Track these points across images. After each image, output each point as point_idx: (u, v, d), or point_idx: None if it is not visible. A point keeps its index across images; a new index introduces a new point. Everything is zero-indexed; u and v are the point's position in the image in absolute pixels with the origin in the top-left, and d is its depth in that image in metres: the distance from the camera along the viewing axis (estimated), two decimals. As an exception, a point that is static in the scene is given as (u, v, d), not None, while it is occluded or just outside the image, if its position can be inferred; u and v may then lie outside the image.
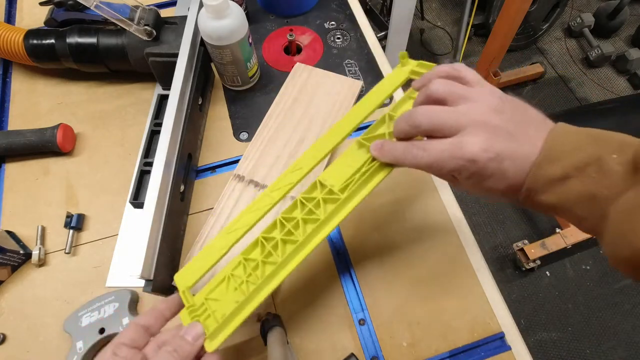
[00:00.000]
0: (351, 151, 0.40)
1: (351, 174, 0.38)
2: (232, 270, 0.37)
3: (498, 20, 1.35)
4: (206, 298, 0.35)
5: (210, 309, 0.34)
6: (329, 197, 0.37)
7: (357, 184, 0.37)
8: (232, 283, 0.36)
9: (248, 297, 0.34)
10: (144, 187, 0.48)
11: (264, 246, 0.37)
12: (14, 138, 0.52)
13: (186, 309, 0.35)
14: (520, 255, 1.33)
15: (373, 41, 0.64)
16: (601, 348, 1.23)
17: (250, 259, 0.37)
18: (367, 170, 0.37)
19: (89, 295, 0.45)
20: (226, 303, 0.35)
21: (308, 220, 0.37)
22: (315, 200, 0.37)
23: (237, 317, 0.33)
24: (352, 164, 0.38)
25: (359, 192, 0.37)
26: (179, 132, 0.48)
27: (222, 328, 0.32)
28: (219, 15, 0.47)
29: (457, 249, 0.48)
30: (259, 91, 0.60)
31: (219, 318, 0.33)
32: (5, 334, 0.44)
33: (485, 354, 0.42)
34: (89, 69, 0.57)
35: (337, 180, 0.38)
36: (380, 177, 0.38)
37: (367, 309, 0.45)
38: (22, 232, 0.49)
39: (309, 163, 0.40)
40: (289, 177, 0.40)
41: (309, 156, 0.41)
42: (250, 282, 0.35)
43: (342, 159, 0.40)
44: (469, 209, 1.47)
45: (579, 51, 1.85)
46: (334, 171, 0.39)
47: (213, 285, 0.36)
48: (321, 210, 0.37)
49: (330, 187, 0.37)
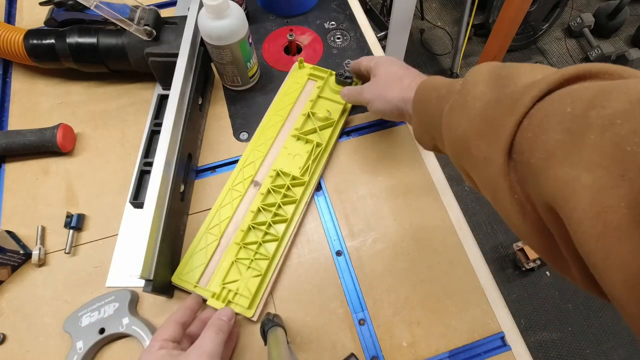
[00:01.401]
0: (290, 143, 0.53)
1: (305, 161, 0.51)
2: (236, 256, 0.45)
3: (498, 20, 1.35)
4: (223, 284, 0.44)
5: (232, 290, 0.44)
6: (295, 182, 0.49)
7: (312, 167, 0.50)
8: (241, 265, 0.45)
9: (267, 268, 0.44)
10: (144, 187, 0.48)
11: (257, 230, 0.47)
12: (14, 138, 0.52)
13: (212, 298, 0.43)
14: (520, 255, 1.33)
15: (373, 41, 0.64)
16: (601, 348, 1.23)
17: (250, 243, 0.46)
18: (315, 156, 0.51)
19: (89, 295, 0.45)
20: (246, 280, 0.44)
21: (286, 202, 0.49)
22: (285, 186, 0.49)
23: (262, 287, 0.44)
24: (298, 152, 0.52)
25: (316, 172, 0.51)
26: (179, 132, 0.48)
27: (255, 299, 0.43)
28: (219, 15, 0.47)
29: (457, 249, 0.48)
30: (259, 91, 0.60)
31: (247, 294, 0.43)
32: (5, 334, 0.44)
33: (485, 354, 0.42)
34: (89, 69, 0.57)
35: (293, 167, 0.51)
36: (325, 159, 0.52)
37: (367, 309, 0.45)
38: (22, 232, 0.49)
39: (257, 156, 0.52)
40: (245, 170, 0.51)
41: (254, 152, 0.53)
42: (259, 259, 0.45)
43: (286, 151, 0.52)
44: (469, 209, 1.47)
45: (579, 51, 1.85)
46: (284, 161, 0.52)
47: (223, 273, 0.45)
48: (293, 192, 0.49)
49: (292, 174, 0.49)
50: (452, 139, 0.32)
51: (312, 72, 0.58)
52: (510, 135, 0.25)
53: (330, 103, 0.56)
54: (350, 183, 0.52)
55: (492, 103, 0.28)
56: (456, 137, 0.31)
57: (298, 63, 0.59)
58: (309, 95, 0.56)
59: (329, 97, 0.56)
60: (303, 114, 0.54)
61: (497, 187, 0.26)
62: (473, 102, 0.30)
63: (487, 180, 0.28)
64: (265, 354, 0.38)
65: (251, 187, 0.50)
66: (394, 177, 0.52)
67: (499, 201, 0.27)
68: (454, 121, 0.32)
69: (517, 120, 0.25)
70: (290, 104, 0.56)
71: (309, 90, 0.58)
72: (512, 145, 0.25)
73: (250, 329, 0.44)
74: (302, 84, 0.58)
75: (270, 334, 0.37)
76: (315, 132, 0.53)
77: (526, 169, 0.24)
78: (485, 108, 0.28)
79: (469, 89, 0.31)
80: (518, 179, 0.25)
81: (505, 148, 0.25)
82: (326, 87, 0.57)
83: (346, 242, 0.48)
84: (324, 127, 0.53)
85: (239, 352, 0.43)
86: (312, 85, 0.58)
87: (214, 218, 0.48)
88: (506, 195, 0.26)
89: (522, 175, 0.25)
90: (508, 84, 0.28)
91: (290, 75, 0.59)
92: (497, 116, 0.27)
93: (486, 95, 0.29)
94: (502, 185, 0.26)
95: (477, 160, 0.29)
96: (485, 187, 0.29)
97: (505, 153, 0.25)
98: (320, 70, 0.58)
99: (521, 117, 0.25)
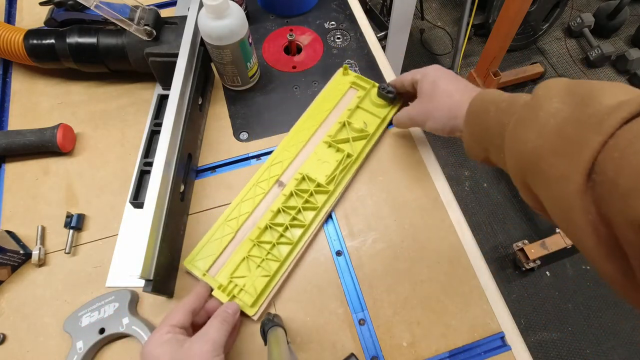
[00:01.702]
0: (321, 149, 0.52)
1: (332, 170, 0.50)
2: (248, 252, 0.45)
3: (498, 20, 1.35)
4: (231, 277, 0.44)
5: (239, 285, 0.44)
6: (319, 189, 0.49)
7: (339, 177, 0.50)
8: (252, 262, 0.45)
9: (276, 270, 0.44)
10: (144, 187, 0.48)
11: (274, 230, 0.47)
12: (14, 138, 0.52)
13: (218, 289, 0.44)
14: (520, 255, 1.33)
15: (373, 41, 0.64)
16: (601, 348, 1.23)
17: (264, 242, 0.46)
18: (344, 167, 0.50)
19: (89, 295, 0.45)
20: (253, 278, 0.44)
21: (307, 207, 0.48)
22: (309, 191, 0.48)
23: (268, 288, 0.44)
24: (327, 160, 0.51)
25: (342, 183, 0.50)
26: (179, 132, 0.48)
27: (259, 298, 0.43)
28: (219, 15, 0.47)
29: (457, 249, 0.48)
30: (259, 91, 0.60)
31: (252, 292, 0.43)
32: (5, 334, 0.44)
33: (485, 354, 0.42)
34: (89, 69, 0.57)
35: (320, 174, 0.50)
36: (353, 171, 0.51)
37: (367, 309, 0.45)
38: (22, 232, 0.49)
39: (286, 157, 0.52)
40: (272, 169, 0.51)
41: (284, 151, 0.52)
42: (270, 259, 0.45)
43: (315, 156, 0.52)
44: (469, 209, 1.47)
45: (579, 51, 1.85)
46: (312, 166, 0.51)
47: (233, 267, 0.45)
48: (315, 199, 0.49)
49: (317, 181, 0.49)
50: (519, 153, 0.32)
51: (356, 80, 0.57)
52: (594, 154, 0.25)
53: (368, 115, 0.55)
54: (350, 183, 0.52)
55: (571, 121, 0.28)
56: (524, 151, 0.31)
57: (342, 69, 0.58)
58: (348, 104, 0.56)
59: (368, 109, 0.55)
60: (339, 122, 0.53)
61: (572, 206, 0.26)
62: (546, 118, 0.30)
63: (559, 198, 0.28)
64: (265, 354, 0.38)
65: (275, 186, 0.50)
66: (394, 177, 0.52)
67: (572, 221, 0.26)
68: (522, 135, 0.31)
69: (603, 140, 0.25)
70: (328, 109, 0.55)
71: (349, 99, 0.57)
72: (593, 165, 0.25)
73: (251, 329, 0.44)
74: (343, 91, 0.57)
75: (270, 334, 0.37)
76: (348, 142, 0.52)
77: (609, 188, 0.24)
78: (563, 125, 0.28)
79: (540, 103, 0.31)
80: (594, 199, 0.25)
81: (586, 167, 0.25)
82: (367, 98, 0.56)
83: (346, 242, 0.48)
84: (357, 139, 0.52)
85: (239, 352, 0.43)
86: (352, 94, 0.57)
87: (234, 211, 0.48)
88: (580, 215, 0.25)
89: (600, 195, 0.25)
90: (590, 103, 0.27)
91: (333, 81, 0.58)
92: (578, 135, 0.27)
93: (563, 112, 0.29)
94: (577, 205, 0.26)
95: (550, 177, 0.28)
96: (556, 206, 0.29)
97: (586, 172, 0.25)
98: (364, 80, 0.57)
99: (607, 138, 0.25)
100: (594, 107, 0.27)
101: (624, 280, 0.24)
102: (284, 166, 0.51)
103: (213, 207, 0.51)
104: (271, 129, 0.56)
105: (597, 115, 0.26)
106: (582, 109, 0.28)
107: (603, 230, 0.25)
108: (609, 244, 0.24)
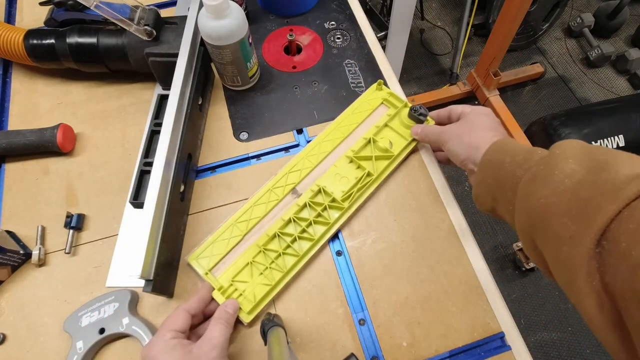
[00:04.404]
0: (342, 163, 0.51)
1: (350, 187, 0.49)
2: (253, 258, 0.45)
3: (498, 20, 1.35)
4: (232, 280, 0.44)
5: (239, 290, 0.44)
6: (334, 204, 0.48)
7: (356, 195, 0.48)
8: (255, 269, 0.45)
9: (278, 281, 0.44)
10: (144, 187, 0.48)
11: (282, 240, 0.46)
12: (14, 138, 0.52)
13: (217, 290, 0.43)
14: (520, 255, 1.33)
15: (373, 41, 0.64)
16: (601, 348, 1.23)
17: (270, 250, 0.45)
18: (363, 185, 0.49)
19: (89, 295, 0.45)
20: (254, 285, 0.44)
21: (318, 222, 0.47)
22: (323, 206, 0.47)
23: (267, 297, 0.44)
24: (346, 175, 0.50)
25: (357, 202, 0.49)
26: (179, 132, 0.48)
27: (257, 306, 0.43)
28: (219, 15, 0.47)
29: (457, 249, 0.48)
30: (259, 91, 0.60)
31: (251, 298, 0.43)
32: (5, 334, 0.44)
33: (485, 354, 0.42)
34: (89, 69, 0.57)
35: (336, 189, 0.49)
36: (371, 190, 0.50)
37: (367, 309, 0.45)
38: (22, 232, 0.49)
39: (306, 166, 0.51)
40: (290, 176, 0.50)
41: (304, 160, 0.51)
42: (274, 269, 0.45)
43: (335, 169, 0.51)
44: (469, 209, 1.47)
45: (579, 51, 1.85)
46: (330, 180, 0.50)
47: (235, 270, 0.45)
48: (327, 214, 0.47)
49: (333, 196, 0.48)
50: (530, 209, 0.32)
51: (388, 97, 0.56)
52: (607, 221, 0.25)
53: (395, 135, 0.53)
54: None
55: (586, 184, 0.28)
56: (536, 207, 0.31)
57: (376, 84, 0.57)
58: (377, 120, 0.54)
59: (396, 129, 0.53)
60: (365, 137, 0.52)
61: (578, 269, 0.26)
62: (561, 178, 0.30)
63: (566, 260, 0.28)
64: (265, 354, 0.38)
65: (290, 194, 0.49)
66: (394, 178, 0.52)
67: (576, 284, 0.26)
68: (536, 191, 0.32)
69: (618, 209, 0.25)
70: (356, 123, 0.54)
71: (378, 115, 0.55)
72: (605, 232, 0.25)
73: (250, 329, 0.44)
74: (373, 107, 0.55)
75: (270, 334, 0.37)
76: (370, 159, 0.50)
77: (618, 258, 0.24)
78: (578, 187, 0.28)
79: (557, 162, 0.31)
80: (599, 266, 0.25)
81: (598, 233, 0.25)
82: (396, 118, 0.54)
83: (346, 242, 0.48)
84: (380, 158, 0.51)
85: (239, 352, 0.43)
86: (383, 110, 0.56)
87: (245, 213, 0.48)
88: (585, 279, 0.25)
89: (606, 263, 0.25)
90: (606, 169, 0.28)
91: (365, 94, 0.57)
92: (593, 199, 0.27)
93: (578, 174, 0.29)
94: (584, 269, 0.26)
95: (559, 237, 0.28)
96: (562, 267, 0.28)
97: (597, 237, 0.25)
98: (397, 98, 0.55)
99: (623, 207, 0.25)
100: (610, 174, 0.27)
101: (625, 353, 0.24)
102: (302, 175, 0.50)
103: (213, 207, 0.51)
104: (271, 129, 0.56)
105: (613, 182, 0.26)
106: (598, 173, 0.28)
107: (605, 299, 0.25)
108: (611, 314, 0.24)
